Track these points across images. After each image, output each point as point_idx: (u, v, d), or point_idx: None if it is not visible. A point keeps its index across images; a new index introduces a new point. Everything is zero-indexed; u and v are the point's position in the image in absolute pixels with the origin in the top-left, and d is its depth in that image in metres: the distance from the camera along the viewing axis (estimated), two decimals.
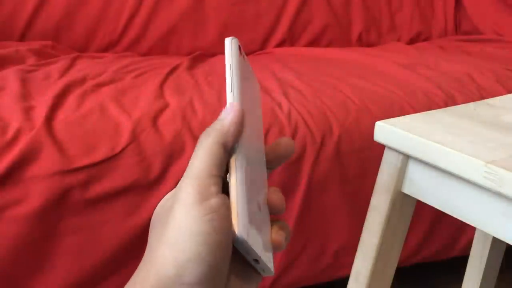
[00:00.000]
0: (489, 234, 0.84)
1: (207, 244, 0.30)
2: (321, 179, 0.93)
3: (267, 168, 0.37)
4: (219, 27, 1.41)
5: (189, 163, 0.33)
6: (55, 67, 1.05)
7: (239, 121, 0.33)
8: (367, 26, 1.58)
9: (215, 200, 0.31)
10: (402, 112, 1.00)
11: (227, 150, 0.33)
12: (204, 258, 0.30)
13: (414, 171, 0.54)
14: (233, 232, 0.31)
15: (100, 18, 1.31)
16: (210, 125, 0.34)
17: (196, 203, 0.30)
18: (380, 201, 0.57)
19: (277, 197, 0.35)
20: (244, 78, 0.36)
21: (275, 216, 0.36)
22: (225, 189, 0.33)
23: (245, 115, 0.34)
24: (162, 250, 0.31)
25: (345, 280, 0.65)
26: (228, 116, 0.33)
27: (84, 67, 1.09)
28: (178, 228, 0.30)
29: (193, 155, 0.33)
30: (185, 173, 0.32)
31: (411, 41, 1.64)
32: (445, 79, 1.14)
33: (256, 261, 0.33)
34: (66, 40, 1.29)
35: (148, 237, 0.33)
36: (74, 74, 1.02)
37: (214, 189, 0.31)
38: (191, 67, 1.20)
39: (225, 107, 0.34)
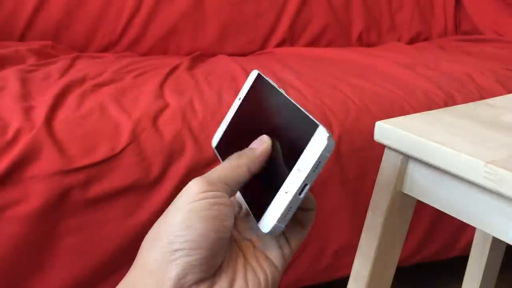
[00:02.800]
0: (489, 234, 0.84)
1: (199, 217, 0.34)
2: (321, 179, 0.93)
3: None
4: (219, 27, 1.41)
5: (212, 169, 0.37)
6: (55, 67, 1.05)
7: (266, 153, 0.39)
8: (367, 26, 1.58)
9: (216, 193, 0.35)
10: (402, 112, 1.00)
11: (251, 174, 0.38)
12: (194, 227, 0.33)
13: (414, 171, 0.54)
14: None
15: (100, 18, 1.31)
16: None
17: (194, 193, 0.35)
18: (380, 201, 0.57)
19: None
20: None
21: None
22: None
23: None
24: (156, 230, 0.35)
25: (345, 280, 0.65)
26: (259, 147, 0.39)
27: (84, 67, 1.09)
28: (174, 211, 0.35)
29: (219, 165, 0.38)
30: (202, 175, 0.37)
31: (411, 41, 1.64)
32: (445, 79, 1.14)
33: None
34: (66, 40, 1.29)
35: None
36: (74, 74, 1.02)
37: (221, 188, 0.36)
38: (191, 67, 1.20)
39: (258, 139, 0.40)
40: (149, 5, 1.34)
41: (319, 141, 0.35)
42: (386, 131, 0.54)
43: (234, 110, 0.47)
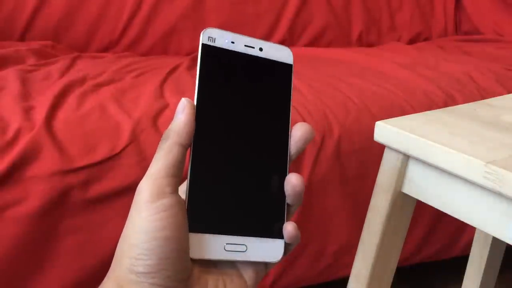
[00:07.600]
0: (489, 234, 0.84)
1: (156, 239, 0.33)
2: (321, 179, 0.93)
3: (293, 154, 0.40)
4: (219, 27, 1.41)
5: (150, 164, 0.35)
6: (55, 67, 1.05)
7: (191, 119, 0.36)
8: (367, 26, 1.58)
9: (167, 200, 0.34)
10: (402, 112, 1.00)
11: (186, 147, 0.36)
12: (153, 252, 0.33)
13: (414, 171, 0.54)
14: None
15: (100, 18, 1.31)
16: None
17: (149, 202, 0.34)
18: (380, 201, 0.57)
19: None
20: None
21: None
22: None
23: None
24: (121, 244, 0.35)
25: (345, 280, 0.65)
26: (180, 115, 0.36)
27: (84, 67, 1.09)
28: (132, 226, 0.34)
29: (154, 157, 0.36)
30: (145, 174, 0.35)
31: (411, 41, 1.64)
32: (445, 79, 1.14)
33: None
34: (66, 40, 1.29)
35: None
36: (74, 74, 1.02)
37: (168, 189, 0.34)
38: (191, 67, 1.20)
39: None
40: (149, 5, 1.34)
41: (273, 248, 0.39)
42: (386, 131, 0.54)
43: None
